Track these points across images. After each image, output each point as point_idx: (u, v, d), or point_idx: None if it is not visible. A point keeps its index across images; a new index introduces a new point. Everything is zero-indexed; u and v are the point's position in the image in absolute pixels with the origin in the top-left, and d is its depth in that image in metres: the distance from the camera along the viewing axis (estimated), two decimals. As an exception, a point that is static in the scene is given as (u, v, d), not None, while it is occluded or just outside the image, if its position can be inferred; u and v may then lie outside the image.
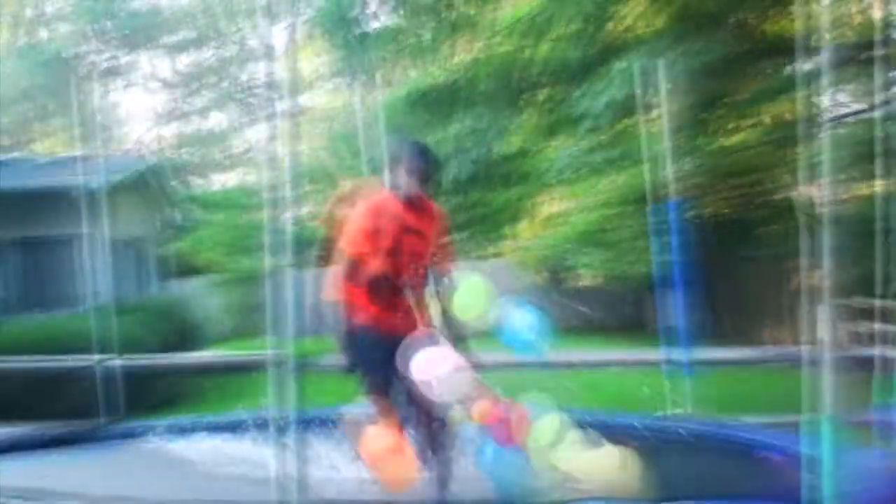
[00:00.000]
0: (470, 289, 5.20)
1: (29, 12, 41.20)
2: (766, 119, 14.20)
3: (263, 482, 3.35)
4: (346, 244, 5.28)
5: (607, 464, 4.45)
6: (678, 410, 6.45)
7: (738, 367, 10.17)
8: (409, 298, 5.36)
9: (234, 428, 5.39)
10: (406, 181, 5.28)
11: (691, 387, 6.65)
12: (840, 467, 3.16)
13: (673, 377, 6.96)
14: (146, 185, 21.22)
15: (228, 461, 4.47)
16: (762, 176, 15.76)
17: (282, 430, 3.06)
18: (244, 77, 46.17)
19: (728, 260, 19.14)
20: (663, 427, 5.59)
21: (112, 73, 44.49)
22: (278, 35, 3.63)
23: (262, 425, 4.85)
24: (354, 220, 5.35)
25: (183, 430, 5.65)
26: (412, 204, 5.29)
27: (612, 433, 4.74)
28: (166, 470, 4.53)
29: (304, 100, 42.58)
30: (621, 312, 24.29)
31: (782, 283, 17.07)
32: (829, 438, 3.18)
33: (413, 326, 5.24)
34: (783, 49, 12.28)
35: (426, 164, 5.32)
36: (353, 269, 5.24)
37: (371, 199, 5.49)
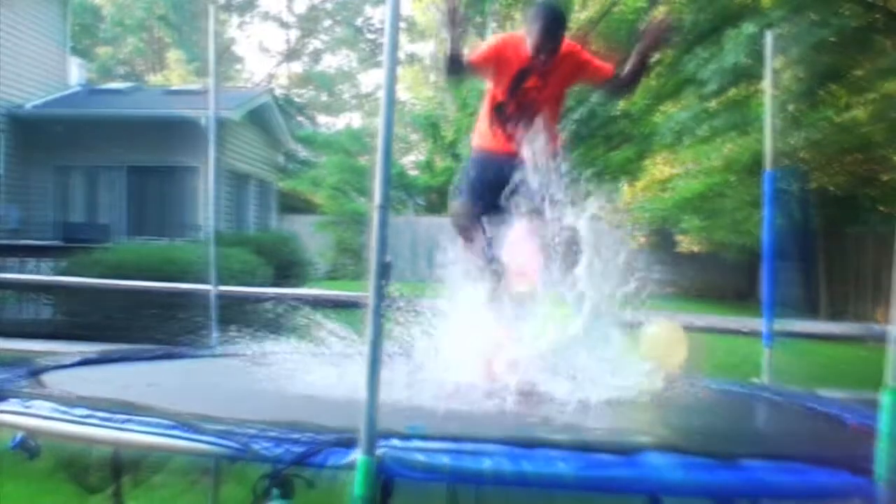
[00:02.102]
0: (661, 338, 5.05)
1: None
2: (885, 96, 13.90)
3: (346, 407, 3.54)
4: (472, 53, 5.36)
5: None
6: (755, 380, 6.47)
7: (834, 341, 10.10)
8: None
9: (323, 358, 5.59)
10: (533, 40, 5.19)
11: (778, 357, 6.66)
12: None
13: (768, 346, 6.95)
14: (267, 121, 21.59)
15: (316, 388, 4.66)
16: (876, 154, 15.47)
17: (369, 361, 3.23)
18: (369, 18, 46.52)
19: (838, 235, 18.87)
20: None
21: (238, 7, 45.16)
22: None
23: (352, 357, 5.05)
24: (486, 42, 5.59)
25: (276, 357, 5.89)
26: (542, 53, 5.18)
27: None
28: (254, 392, 4.74)
29: (420, 48, 42.73)
30: (726, 279, 24.17)
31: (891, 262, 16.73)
32: (889, 412, 3.21)
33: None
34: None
35: (550, 24, 5.17)
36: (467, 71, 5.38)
37: (501, 35, 5.78)
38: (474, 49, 5.42)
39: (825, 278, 19.11)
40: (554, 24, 5.23)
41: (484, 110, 5.48)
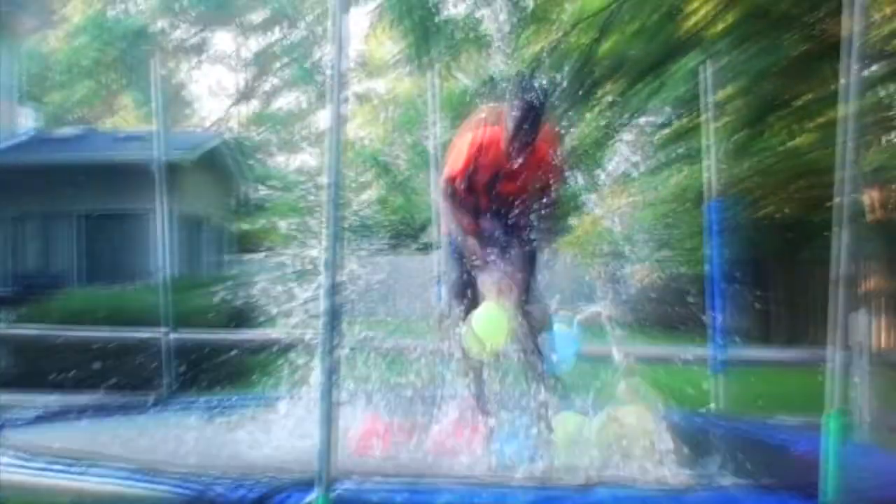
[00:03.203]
0: (488, 319, 5.16)
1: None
2: (830, 122, 14.15)
3: (302, 456, 3.56)
4: (447, 174, 5.43)
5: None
6: (709, 407, 6.57)
7: (787, 367, 10.21)
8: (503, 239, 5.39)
9: (274, 405, 5.61)
10: (512, 118, 5.21)
11: (726, 385, 6.76)
12: (846, 461, 3.28)
13: (716, 374, 7.06)
14: (220, 163, 21.54)
15: (270, 437, 4.69)
16: (824, 179, 15.67)
17: (324, 406, 3.26)
18: (319, 59, 46.58)
19: (789, 261, 19.06)
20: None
21: (188, 50, 45.08)
22: (351, 21, 3.69)
23: (299, 404, 5.08)
24: (458, 149, 5.48)
25: (231, 407, 5.90)
26: (520, 140, 5.21)
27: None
28: (208, 442, 4.76)
29: (372, 85, 42.84)
30: (679, 309, 24.25)
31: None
32: (835, 433, 3.30)
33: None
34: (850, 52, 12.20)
35: (530, 105, 5.20)
36: (452, 197, 5.38)
37: (479, 131, 5.51)
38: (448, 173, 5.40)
39: (777, 304, 19.28)
40: (531, 115, 5.19)
41: (445, 192, 5.44)
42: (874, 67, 11.42)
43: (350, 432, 4.91)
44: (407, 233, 29.33)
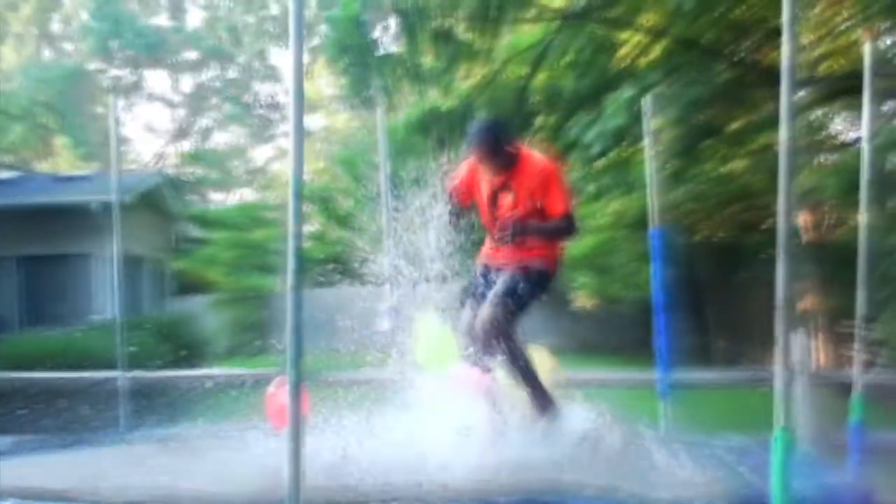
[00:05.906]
0: (435, 338, 5.28)
1: (55, 27, 41.78)
2: (762, 147, 14.47)
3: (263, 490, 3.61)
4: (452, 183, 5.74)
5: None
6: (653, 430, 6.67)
7: (728, 388, 10.40)
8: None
9: (230, 440, 5.62)
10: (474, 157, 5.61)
11: (673, 408, 6.88)
12: (791, 479, 3.39)
13: (663, 397, 7.17)
14: (157, 202, 21.43)
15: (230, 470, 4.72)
16: (757, 203, 16.00)
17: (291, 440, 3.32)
18: (254, 97, 46.57)
19: (726, 283, 19.36)
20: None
21: (123, 90, 44.79)
22: (286, 58, 3.77)
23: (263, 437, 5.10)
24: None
25: (185, 441, 5.90)
26: (496, 167, 5.54)
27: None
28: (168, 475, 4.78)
29: (310, 121, 42.87)
30: (621, 334, 24.46)
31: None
32: (780, 451, 3.42)
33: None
34: (778, 79, 12.50)
35: (479, 145, 5.52)
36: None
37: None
38: (454, 179, 5.77)
39: (716, 327, 19.55)
40: (483, 138, 5.52)
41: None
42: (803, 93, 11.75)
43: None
44: (348, 266, 29.29)
